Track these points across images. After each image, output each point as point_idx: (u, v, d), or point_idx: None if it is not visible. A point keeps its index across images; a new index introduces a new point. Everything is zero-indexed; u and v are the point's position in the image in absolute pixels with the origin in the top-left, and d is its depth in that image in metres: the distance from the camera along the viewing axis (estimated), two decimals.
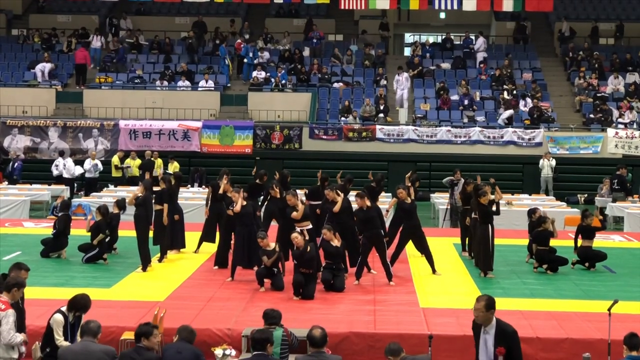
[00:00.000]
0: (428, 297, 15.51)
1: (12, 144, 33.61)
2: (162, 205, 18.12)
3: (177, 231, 19.36)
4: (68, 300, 10.76)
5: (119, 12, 42.42)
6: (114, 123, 33.71)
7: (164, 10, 43.05)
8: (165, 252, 18.59)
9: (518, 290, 16.45)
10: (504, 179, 31.32)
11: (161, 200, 18.16)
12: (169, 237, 18.87)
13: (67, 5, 42.13)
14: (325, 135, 33.74)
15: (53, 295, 14.20)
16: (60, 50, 39.99)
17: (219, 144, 33.54)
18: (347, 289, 15.96)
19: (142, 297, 15.05)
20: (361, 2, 30.91)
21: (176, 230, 19.28)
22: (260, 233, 15.99)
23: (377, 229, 16.83)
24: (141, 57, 39.74)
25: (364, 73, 38.52)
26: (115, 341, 11.95)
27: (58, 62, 38.96)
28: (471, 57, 39.48)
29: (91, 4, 41.64)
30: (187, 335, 10.30)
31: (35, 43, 40.21)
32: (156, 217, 18.10)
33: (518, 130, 33.64)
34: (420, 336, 12.62)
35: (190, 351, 10.08)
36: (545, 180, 32.06)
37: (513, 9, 31.93)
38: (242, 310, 14.13)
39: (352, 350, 12.79)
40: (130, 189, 28.64)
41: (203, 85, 36.76)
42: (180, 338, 10.28)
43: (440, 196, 27.68)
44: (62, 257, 18.77)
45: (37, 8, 43.48)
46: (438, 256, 18.34)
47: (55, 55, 39.44)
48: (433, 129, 33.80)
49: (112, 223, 19.13)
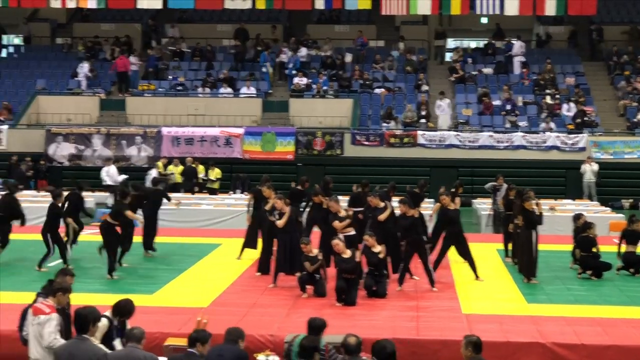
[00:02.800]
0: (471, 303, 15.43)
1: (57, 151, 33.94)
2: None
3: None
4: (112, 306, 10.83)
5: (161, 20, 42.74)
6: (157, 130, 33.93)
7: (206, 18, 43.30)
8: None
9: (562, 296, 16.31)
10: (546, 184, 31.22)
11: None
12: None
13: (110, 14, 42.48)
14: (367, 141, 33.70)
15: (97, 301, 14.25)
16: (104, 59, 40.35)
17: (260, 150, 33.63)
18: (390, 295, 15.92)
19: (185, 304, 15.11)
20: (403, 7, 30.78)
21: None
22: (303, 239, 16.00)
23: (420, 235, 16.80)
24: (183, 65, 39.98)
25: (405, 79, 38.45)
26: (159, 347, 12.00)
27: (101, 70, 39.32)
28: (513, 62, 39.25)
29: (134, 12, 41.93)
30: (234, 337, 10.29)
31: (79, 51, 40.58)
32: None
33: (561, 135, 33.37)
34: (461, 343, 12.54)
35: (231, 353, 10.07)
36: (587, 185, 31.76)
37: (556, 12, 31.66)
38: (284, 317, 14.14)
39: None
40: (173, 195, 28.82)
41: (245, 92, 36.90)
42: (226, 340, 10.28)
43: (483, 202, 27.54)
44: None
45: (81, 17, 43.91)
46: (481, 262, 18.24)
47: (99, 64, 39.81)
48: (475, 135, 33.64)
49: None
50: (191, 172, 30.78)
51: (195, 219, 26.21)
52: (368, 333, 11.86)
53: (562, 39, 41.33)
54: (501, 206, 21.44)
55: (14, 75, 39.46)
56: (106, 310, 10.88)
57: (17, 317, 11.15)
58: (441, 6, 31.25)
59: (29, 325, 10.38)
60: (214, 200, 28.53)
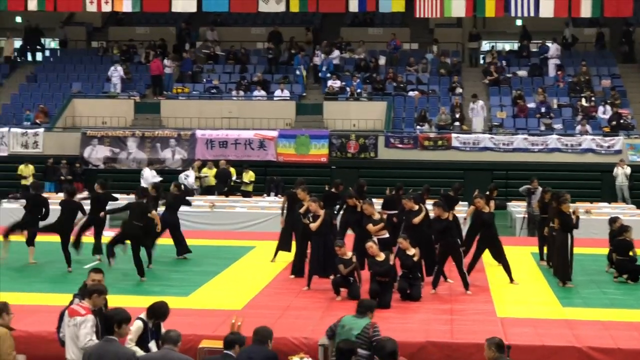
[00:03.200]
0: (505, 307, 15.35)
1: (92, 154, 34.18)
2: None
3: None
4: (147, 308, 10.88)
5: (195, 24, 42.93)
6: (191, 133, 34.07)
7: (240, 21, 43.42)
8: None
9: (598, 299, 16.21)
10: (582, 187, 30.98)
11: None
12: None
13: (145, 17, 42.71)
14: (400, 144, 33.65)
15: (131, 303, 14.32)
16: (138, 62, 40.60)
17: (294, 153, 33.68)
18: (424, 298, 15.89)
19: (220, 306, 15.16)
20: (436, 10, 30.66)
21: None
22: (338, 241, 15.99)
23: (454, 238, 16.75)
24: (217, 68, 40.14)
25: (439, 81, 38.36)
26: (193, 349, 12.04)
27: (136, 74, 39.57)
28: (548, 64, 39.05)
29: (169, 16, 42.13)
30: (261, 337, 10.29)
31: (114, 55, 40.85)
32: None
33: (597, 138, 33.14)
34: None
35: (261, 354, 10.08)
36: (620, 188, 31.45)
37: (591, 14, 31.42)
38: (318, 319, 14.14)
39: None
40: (207, 198, 28.96)
41: (279, 95, 36.98)
42: (254, 341, 10.29)
43: (517, 205, 27.41)
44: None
45: (116, 21, 44.21)
46: (515, 265, 18.15)
47: (134, 67, 40.06)
48: (510, 137, 33.49)
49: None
50: (224, 175, 30.85)
51: (229, 222, 26.29)
52: (402, 336, 11.84)
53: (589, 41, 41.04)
54: (536, 209, 21.34)
55: (50, 79, 39.81)
56: (141, 312, 10.93)
57: (54, 319, 11.24)
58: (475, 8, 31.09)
59: (66, 326, 10.46)
60: (247, 203, 28.60)
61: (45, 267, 18.85)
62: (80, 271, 17.75)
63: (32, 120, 36.22)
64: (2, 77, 40.59)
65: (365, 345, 10.92)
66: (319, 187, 24.74)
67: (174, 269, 19.17)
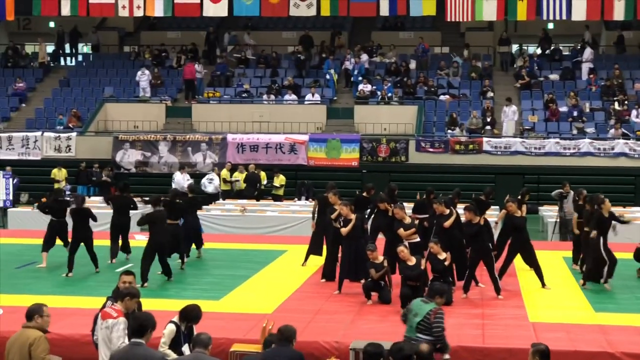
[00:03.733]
0: (538, 312, 15.28)
1: (124, 158, 34.37)
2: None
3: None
4: (179, 311, 10.93)
5: (226, 28, 43.09)
6: (222, 137, 34.17)
7: (271, 25, 43.53)
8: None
9: (631, 305, 16.08)
10: (615, 192, 30.66)
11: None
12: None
13: (176, 22, 42.94)
14: (431, 148, 33.58)
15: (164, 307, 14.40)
16: (170, 66, 40.82)
17: (325, 157, 33.70)
18: (455, 302, 15.85)
19: (251, 310, 15.19)
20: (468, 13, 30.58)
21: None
22: (370, 245, 16.00)
23: (485, 243, 16.69)
24: (248, 72, 40.25)
25: (470, 85, 38.26)
26: (225, 353, 12.08)
27: (167, 78, 39.77)
28: (580, 68, 38.84)
29: (200, 20, 42.32)
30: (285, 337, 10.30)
31: (146, 59, 41.08)
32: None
33: (630, 142, 32.90)
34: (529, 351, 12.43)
35: (287, 356, 10.10)
36: None
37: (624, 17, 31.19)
38: (349, 323, 14.14)
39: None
40: (238, 202, 29.03)
41: (309, 99, 37.02)
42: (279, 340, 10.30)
43: (549, 209, 27.26)
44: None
45: (148, 25, 44.48)
46: (547, 270, 18.06)
47: (165, 71, 40.27)
48: (541, 141, 33.32)
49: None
50: (254, 179, 30.91)
51: (261, 226, 26.34)
52: None
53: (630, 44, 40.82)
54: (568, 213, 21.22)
55: (83, 83, 40.08)
56: (173, 316, 10.97)
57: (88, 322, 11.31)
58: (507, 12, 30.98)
59: (98, 329, 10.53)
60: (278, 207, 28.63)
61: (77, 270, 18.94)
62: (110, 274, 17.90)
63: (65, 125, 36.50)
64: (36, 82, 40.91)
65: (426, 331, 10.94)
66: (350, 191, 24.77)
67: (206, 273, 19.25)
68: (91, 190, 32.69)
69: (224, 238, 24.25)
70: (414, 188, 24.05)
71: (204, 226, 24.01)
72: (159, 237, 17.62)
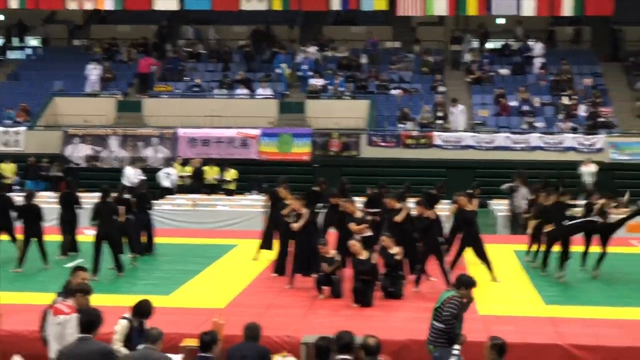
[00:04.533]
0: (488, 305, 15.36)
1: (74, 152, 34.04)
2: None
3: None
4: (132, 306, 10.85)
5: (177, 22, 42.83)
6: (173, 131, 33.98)
7: (222, 19, 43.31)
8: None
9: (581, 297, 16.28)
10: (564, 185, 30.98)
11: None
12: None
13: (127, 16, 42.51)
14: (383, 142, 33.67)
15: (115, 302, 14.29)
16: (121, 60, 40.48)
17: (277, 151, 33.65)
18: (406, 296, 15.92)
19: (202, 304, 15.15)
20: (418, 8, 30.65)
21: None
22: (321, 240, 16.03)
23: (436, 237, 16.76)
24: (200, 66, 40.06)
25: (421, 80, 38.41)
26: (175, 348, 12.02)
27: (118, 72, 39.45)
28: (530, 63, 39.17)
29: (151, 14, 41.95)
30: (252, 334, 10.30)
31: (96, 53, 40.70)
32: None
33: (578, 136, 33.24)
34: (480, 344, 12.45)
35: (255, 352, 10.08)
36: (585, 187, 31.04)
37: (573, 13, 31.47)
38: (301, 318, 14.14)
39: (412, 358, 12.73)
40: (189, 196, 28.88)
41: (261, 93, 36.92)
42: (247, 338, 10.30)
43: (499, 203, 27.46)
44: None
45: (98, 19, 44.05)
46: (497, 263, 18.19)
47: (116, 65, 39.94)
48: (492, 135, 33.55)
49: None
50: (199, 174, 30.78)
51: (212, 220, 26.27)
52: (385, 334, 11.83)
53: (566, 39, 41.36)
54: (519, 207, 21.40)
55: (32, 77, 39.62)
56: (124, 311, 10.89)
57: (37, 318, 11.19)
58: (457, 7, 31.11)
59: (49, 325, 10.42)
60: (230, 201, 28.55)
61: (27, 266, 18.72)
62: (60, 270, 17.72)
63: (14, 119, 36.04)
64: None
65: (439, 318, 10.93)
66: (302, 185, 24.73)
67: (156, 268, 19.13)
68: (40, 185, 32.29)
69: (175, 233, 24.15)
70: (365, 182, 24.07)
71: (155, 221, 23.86)
72: (105, 229, 17.59)
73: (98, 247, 17.65)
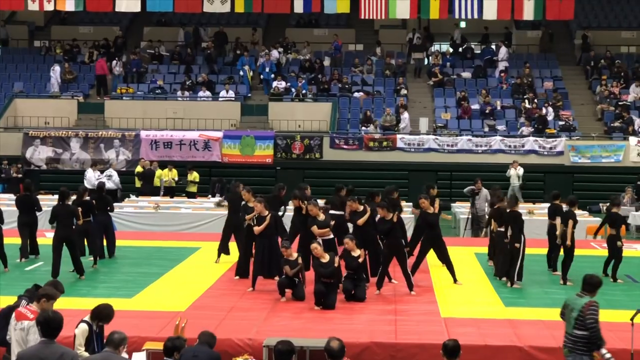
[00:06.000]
0: (449, 307, 15.46)
1: (35, 154, 33.79)
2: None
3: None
4: (91, 310, 10.79)
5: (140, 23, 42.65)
6: (135, 133, 33.83)
7: (185, 21, 43.19)
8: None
9: (540, 299, 16.36)
10: (525, 188, 31.28)
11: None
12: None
13: (88, 17, 42.32)
14: (346, 145, 33.75)
15: (75, 305, 14.21)
16: (82, 61, 40.22)
17: (239, 154, 33.62)
18: (368, 298, 15.94)
19: (164, 307, 15.08)
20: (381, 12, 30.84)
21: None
22: (284, 243, 16.01)
23: (398, 239, 16.80)
24: (162, 68, 39.91)
25: (384, 82, 38.53)
26: (137, 351, 11.96)
27: (80, 74, 39.21)
28: (492, 66, 39.44)
29: (112, 16, 41.82)
30: (206, 339, 10.32)
31: (57, 55, 40.42)
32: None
33: (539, 139, 33.52)
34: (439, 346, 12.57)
35: (206, 354, 10.08)
36: (512, 189, 31.08)
37: (534, 17, 31.79)
38: (263, 320, 14.13)
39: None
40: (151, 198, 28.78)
41: (224, 96, 36.86)
42: (200, 342, 10.30)
43: (462, 205, 27.61)
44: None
45: (59, 20, 43.73)
46: (459, 266, 18.28)
47: (77, 66, 39.68)
48: (454, 138, 33.74)
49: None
50: (150, 176, 30.64)
51: (174, 223, 26.16)
52: (347, 337, 11.85)
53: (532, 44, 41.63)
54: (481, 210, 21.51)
55: None
56: (85, 315, 10.83)
57: None
58: (420, 10, 31.31)
59: (12, 329, 10.32)
60: (192, 204, 28.48)
61: None
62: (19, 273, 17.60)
63: None
64: None
65: (582, 325, 10.84)
66: (264, 188, 24.73)
67: (118, 271, 19.02)
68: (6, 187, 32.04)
69: (137, 235, 24.02)
70: (328, 185, 24.13)
71: (117, 223, 23.78)
72: (64, 231, 17.53)
73: (57, 250, 17.55)
